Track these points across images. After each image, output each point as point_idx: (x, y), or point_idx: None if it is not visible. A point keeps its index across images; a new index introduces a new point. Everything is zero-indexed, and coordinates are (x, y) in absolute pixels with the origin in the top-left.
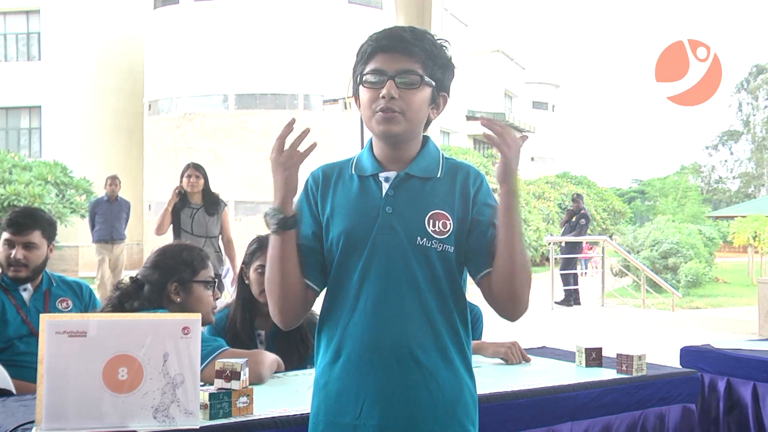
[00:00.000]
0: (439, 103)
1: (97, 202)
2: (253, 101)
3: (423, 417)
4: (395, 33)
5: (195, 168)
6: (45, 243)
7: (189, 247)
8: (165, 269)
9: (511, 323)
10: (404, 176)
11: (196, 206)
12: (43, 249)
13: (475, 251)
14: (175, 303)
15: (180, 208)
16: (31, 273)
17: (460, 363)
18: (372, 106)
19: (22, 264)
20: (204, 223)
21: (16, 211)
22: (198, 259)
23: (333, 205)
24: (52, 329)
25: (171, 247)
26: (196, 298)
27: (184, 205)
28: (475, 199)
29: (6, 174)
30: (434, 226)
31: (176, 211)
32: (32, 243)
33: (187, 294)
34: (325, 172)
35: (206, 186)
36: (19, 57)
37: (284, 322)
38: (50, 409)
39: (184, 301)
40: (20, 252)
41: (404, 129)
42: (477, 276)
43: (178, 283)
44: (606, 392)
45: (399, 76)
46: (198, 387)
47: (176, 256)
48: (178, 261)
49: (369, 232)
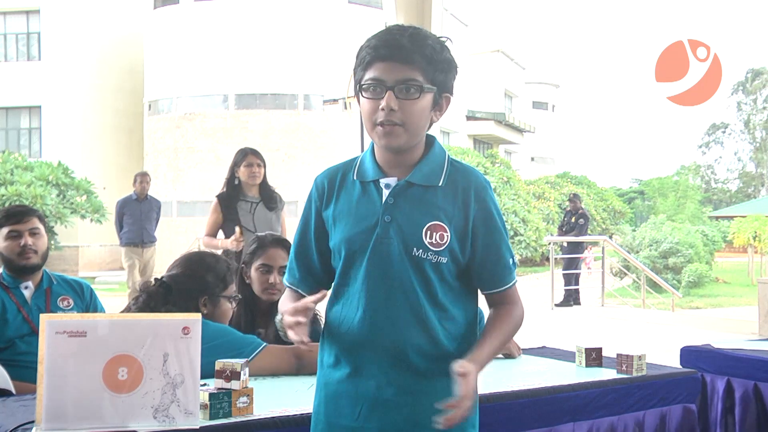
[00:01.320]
0: (441, 105)
1: (125, 201)
2: (253, 101)
3: (422, 421)
4: (394, 40)
5: (255, 155)
6: (44, 230)
7: (221, 259)
8: (199, 280)
9: None
10: (405, 184)
11: (254, 200)
12: (45, 237)
13: (478, 274)
14: (202, 314)
15: (232, 200)
16: (41, 260)
17: None
18: (372, 117)
19: (33, 250)
20: (267, 221)
21: (8, 207)
22: (229, 274)
23: (336, 212)
24: (52, 329)
25: (206, 257)
26: (222, 312)
27: (236, 197)
28: (476, 218)
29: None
30: (431, 238)
31: (228, 203)
32: (36, 228)
33: (214, 307)
34: (328, 180)
35: (265, 177)
36: (19, 57)
37: None
38: (50, 409)
39: (210, 313)
40: (29, 238)
41: (405, 140)
42: (482, 291)
43: (209, 296)
44: (606, 392)
45: (398, 87)
46: (198, 387)
47: (212, 268)
48: (213, 274)
49: (368, 240)
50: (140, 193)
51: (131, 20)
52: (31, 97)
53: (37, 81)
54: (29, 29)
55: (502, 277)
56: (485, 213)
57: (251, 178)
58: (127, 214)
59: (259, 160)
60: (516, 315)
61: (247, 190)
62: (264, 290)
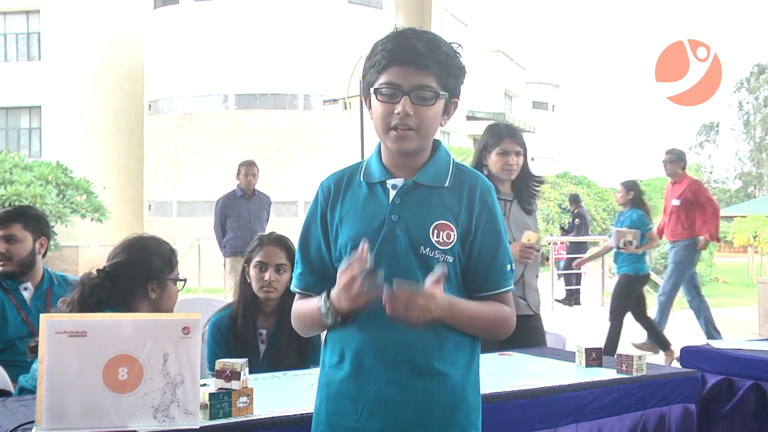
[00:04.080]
0: (450, 110)
1: (228, 199)
2: (253, 101)
3: (424, 422)
4: (410, 45)
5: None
6: (29, 236)
7: (163, 242)
8: (146, 265)
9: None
10: (412, 185)
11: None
12: (27, 242)
13: (473, 276)
14: (150, 299)
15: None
16: (17, 267)
17: (463, 368)
18: (386, 120)
19: (6, 257)
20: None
21: (2, 209)
22: (174, 256)
23: (342, 213)
24: (52, 329)
25: (148, 241)
26: (168, 294)
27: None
28: (479, 218)
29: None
30: (438, 237)
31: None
32: (12, 236)
33: (162, 291)
34: (334, 183)
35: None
36: (19, 57)
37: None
38: (50, 409)
39: (158, 297)
40: (2, 245)
41: (417, 144)
42: (475, 294)
43: (157, 280)
44: (606, 392)
45: (414, 92)
46: (198, 387)
47: (157, 252)
48: (159, 257)
49: (374, 239)
50: (246, 189)
51: (131, 20)
52: (31, 97)
53: (37, 81)
54: (29, 29)
55: (496, 281)
56: (488, 215)
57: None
58: (232, 215)
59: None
60: (504, 312)
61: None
62: (260, 288)
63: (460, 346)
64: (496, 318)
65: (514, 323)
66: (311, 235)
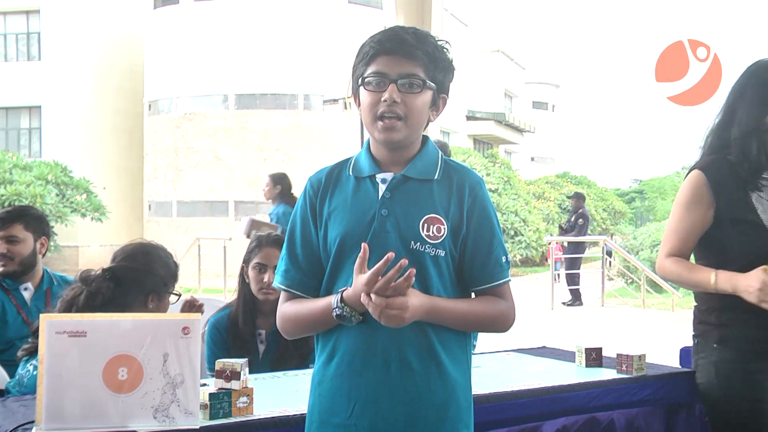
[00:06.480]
0: (438, 105)
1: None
2: (253, 101)
3: (414, 419)
4: (397, 35)
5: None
6: (30, 236)
7: (170, 254)
8: (152, 274)
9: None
10: (401, 178)
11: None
12: (28, 242)
13: (468, 269)
14: (146, 309)
15: None
16: (19, 266)
17: (454, 366)
18: (373, 109)
19: (8, 257)
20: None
21: (3, 209)
22: (177, 270)
23: (331, 207)
24: (52, 329)
25: (159, 250)
26: (163, 307)
27: None
28: (470, 211)
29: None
30: (428, 231)
31: None
32: (14, 236)
33: (160, 303)
34: (323, 177)
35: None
36: (19, 57)
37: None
38: (50, 409)
39: (155, 309)
40: (3, 246)
41: (405, 135)
42: (472, 288)
43: (158, 292)
44: (606, 392)
45: (401, 80)
46: (198, 387)
47: (165, 263)
48: (166, 269)
49: (364, 234)
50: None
51: (131, 20)
52: (31, 97)
53: (37, 81)
54: (29, 29)
55: (492, 274)
56: (479, 208)
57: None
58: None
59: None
60: (499, 307)
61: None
62: (259, 289)
63: (451, 344)
64: (489, 313)
65: (514, 316)
66: (298, 230)
